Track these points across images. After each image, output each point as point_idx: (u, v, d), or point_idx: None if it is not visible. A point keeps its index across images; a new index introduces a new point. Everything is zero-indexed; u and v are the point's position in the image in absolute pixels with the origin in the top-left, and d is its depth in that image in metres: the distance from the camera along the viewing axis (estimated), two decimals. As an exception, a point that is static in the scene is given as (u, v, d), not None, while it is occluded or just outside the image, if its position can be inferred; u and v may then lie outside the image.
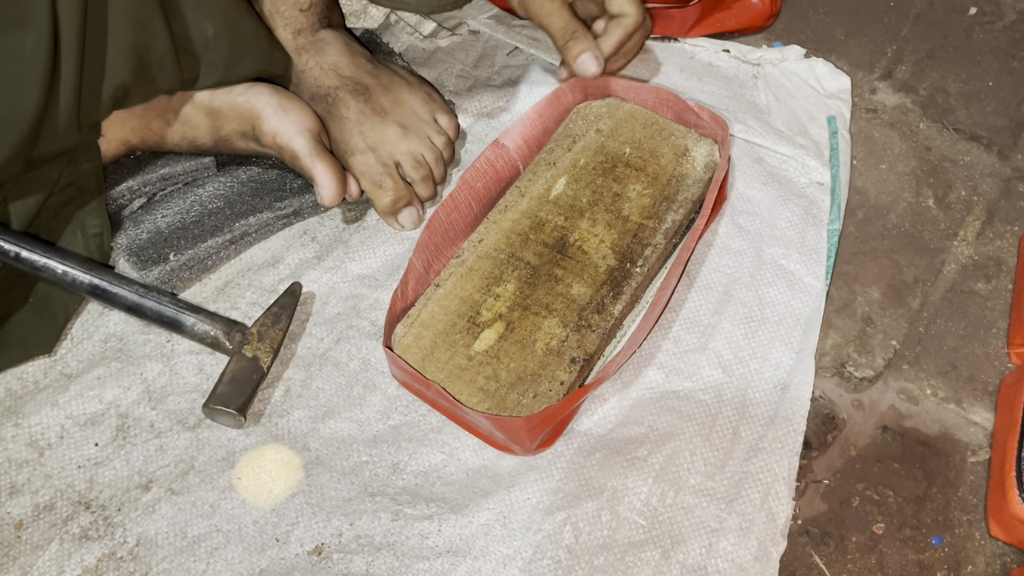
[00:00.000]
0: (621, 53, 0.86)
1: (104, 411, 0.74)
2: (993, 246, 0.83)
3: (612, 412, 0.74)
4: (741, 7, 0.95)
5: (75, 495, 0.70)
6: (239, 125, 0.79)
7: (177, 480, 0.71)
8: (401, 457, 0.72)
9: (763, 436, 0.73)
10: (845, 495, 0.72)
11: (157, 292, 0.75)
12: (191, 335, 0.75)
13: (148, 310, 0.74)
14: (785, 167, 0.87)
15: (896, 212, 0.85)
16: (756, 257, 0.81)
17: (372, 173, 0.81)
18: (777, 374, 0.76)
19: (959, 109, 0.91)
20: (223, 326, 0.75)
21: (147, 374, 0.75)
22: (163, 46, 0.72)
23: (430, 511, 0.70)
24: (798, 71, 0.93)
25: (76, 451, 0.72)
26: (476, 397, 0.70)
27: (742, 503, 0.70)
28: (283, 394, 0.75)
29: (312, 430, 0.73)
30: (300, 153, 0.77)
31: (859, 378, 0.77)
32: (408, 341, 0.73)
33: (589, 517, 0.69)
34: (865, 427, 0.75)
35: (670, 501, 0.70)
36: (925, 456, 0.73)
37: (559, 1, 0.82)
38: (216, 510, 0.70)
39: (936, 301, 0.81)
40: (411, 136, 0.82)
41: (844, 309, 0.80)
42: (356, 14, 0.96)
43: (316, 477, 0.71)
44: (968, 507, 0.71)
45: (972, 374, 0.77)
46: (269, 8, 0.82)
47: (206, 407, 0.72)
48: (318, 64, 0.83)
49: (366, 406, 0.74)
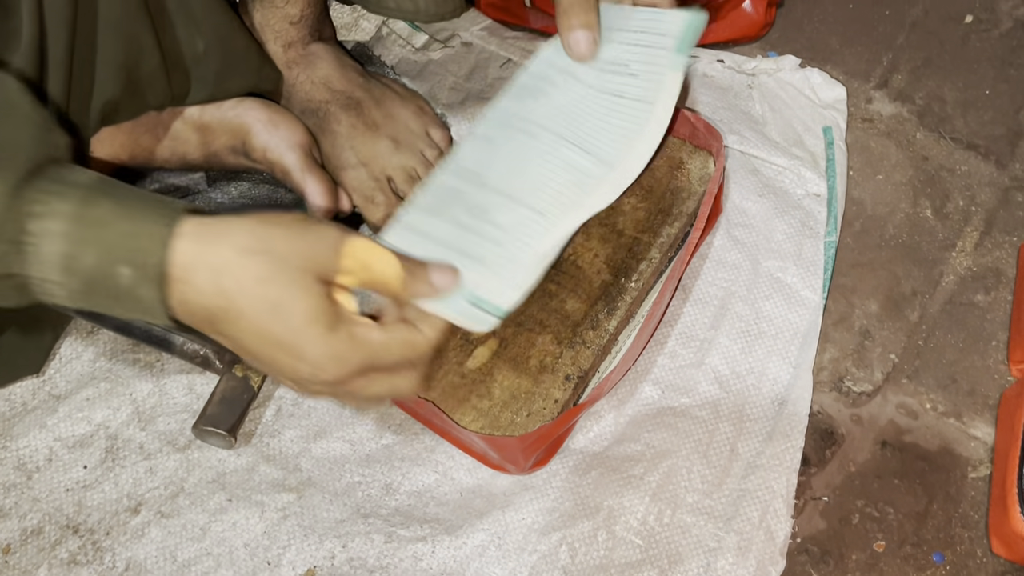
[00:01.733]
0: None
1: (93, 433, 0.73)
2: (992, 257, 0.82)
3: (608, 429, 0.73)
4: (735, 17, 0.94)
5: (63, 519, 0.69)
6: (229, 140, 0.78)
7: (167, 503, 0.70)
8: (394, 477, 0.71)
9: (761, 453, 0.72)
10: (845, 512, 0.71)
11: (146, 311, 0.74)
12: (181, 354, 0.74)
13: (137, 329, 0.73)
14: (781, 178, 0.86)
15: (893, 223, 0.85)
16: (752, 270, 0.81)
17: (364, 188, 0.80)
18: (775, 389, 0.75)
19: (956, 118, 0.91)
20: (213, 345, 0.74)
21: (137, 394, 0.74)
22: (153, 62, 0.72)
23: (424, 532, 0.69)
24: (793, 81, 0.93)
25: (64, 474, 0.71)
26: (469, 416, 0.69)
27: (740, 521, 0.69)
28: (274, 413, 0.74)
29: (304, 450, 0.72)
30: (291, 168, 0.77)
31: (858, 392, 0.76)
32: None
33: (585, 537, 0.68)
34: (864, 442, 0.74)
35: (667, 520, 0.69)
36: (925, 472, 0.72)
37: None
38: (206, 533, 0.69)
39: (935, 313, 0.80)
40: (403, 150, 0.81)
41: (842, 322, 0.79)
42: (347, 27, 0.95)
43: (308, 498, 0.70)
44: (969, 523, 0.70)
45: (972, 388, 0.76)
46: (259, 21, 0.81)
47: (196, 428, 0.71)
48: (309, 78, 0.82)
49: (358, 425, 0.74)
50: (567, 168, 0.65)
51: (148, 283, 0.45)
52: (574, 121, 0.68)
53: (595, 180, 0.65)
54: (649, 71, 0.68)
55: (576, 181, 0.65)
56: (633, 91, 0.68)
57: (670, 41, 0.68)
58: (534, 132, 0.67)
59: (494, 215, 0.63)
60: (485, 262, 0.61)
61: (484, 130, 0.68)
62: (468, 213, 0.64)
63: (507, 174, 0.66)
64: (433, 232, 0.63)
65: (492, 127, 0.68)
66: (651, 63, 0.68)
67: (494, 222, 0.63)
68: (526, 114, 0.68)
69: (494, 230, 0.63)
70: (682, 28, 0.68)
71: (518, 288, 0.60)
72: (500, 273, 0.61)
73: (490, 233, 0.63)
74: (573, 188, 0.65)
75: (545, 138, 0.67)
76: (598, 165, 0.65)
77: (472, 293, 0.58)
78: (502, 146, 0.67)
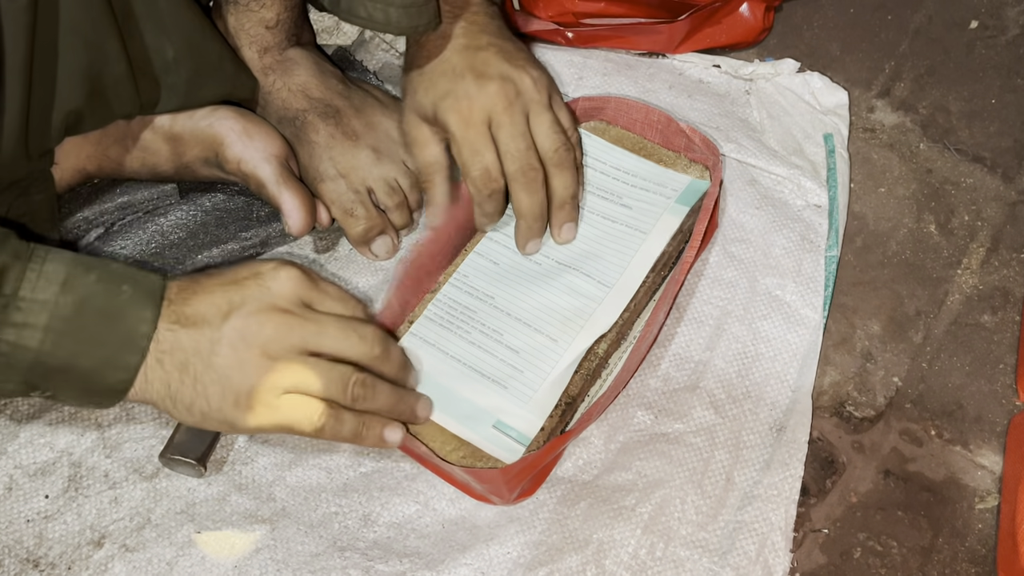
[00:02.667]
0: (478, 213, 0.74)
1: (56, 460, 0.69)
2: (999, 275, 0.79)
3: (598, 457, 0.70)
4: (732, 21, 0.91)
5: (23, 552, 0.66)
6: (201, 152, 0.75)
7: (132, 535, 0.66)
8: (373, 507, 0.68)
9: (758, 482, 0.69)
10: (846, 546, 0.68)
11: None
12: (149, 377, 0.70)
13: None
14: (780, 189, 0.83)
15: (896, 239, 0.81)
16: (749, 288, 0.77)
17: (343, 201, 0.76)
18: (772, 415, 0.72)
19: (961, 129, 0.87)
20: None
21: (102, 419, 0.71)
22: (119, 69, 0.68)
23: (403, 567, 0.65)
24: (792, 86, 0.89)
25: (25, 504, 0.68)
26: (450, 445, 0.66)
27: (736, 555, 0.66)
28: (247, 439, 0.70)
29: (278, 478, 0.69)
30: (266, 180, 0.73)
31: (859, 418, 0.73)
32: None
33: (573, 572, 0.65)
34: (866, 472, 0.71)
35: (659, 554, 0.66)
36: (930, 503, 0.69)
37: (428, 132, 0.73)
38: (173, 568, 0.65)
39: (940, 335, 0.77)
40: (384, 161, 0.78)
41: (843, 344, 0.76)
42: (328, 30, 0.91)
43: (282, 530, 0.67)
44: (977, 558, 0.67)
45: (979, 414, 0.73)
46: (233, 25, 0.77)
47: (163, 456, 0.67)
48: (286, 85, 0.78)
49: (335, 452, 0.70)
50: (571, 292, 0.72)
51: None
52: (571, 244, 0.74)
53: (596, 302, 0.71)
54: (643, 207, 0.75)
55: (581, 307, 0.71)
56: (625, 219, 0.75)
57: (672, 192, 0.76)
58: (535, 256, 0.74)
59: (508, 338, 0.70)
60: (508, 388, 0.68)
61: (487, 250, 0.75)
62: (482, 333, 0.70)
63: (516, 297, 0.72)
64: (448, 346, 0.70)
65: (494, 249, 0.75)
66: (647, 202, 0.75)
67: (510, 345, 0.70)
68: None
69: (511, 354, 0.69)
70: (685, 186, 0.76)
71: (542, 416, 0.66)
72: (524, 402, 0.67)
73: (507, 357, 0.69)
74: (578, 314, 0.70)
75: (546, 263, 0.74)
76: (599, 288, 0.72)
77: (498, 420, 0.66)
78: (508, 269, 0.74)
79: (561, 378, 0.67)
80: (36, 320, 0.52)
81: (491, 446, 0.65)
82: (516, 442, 0.65)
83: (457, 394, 0.67)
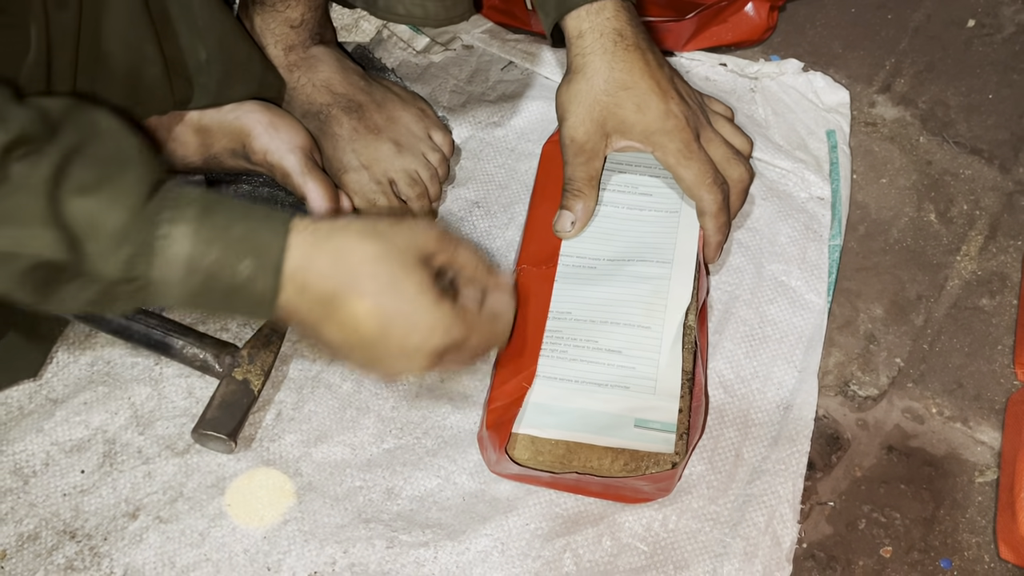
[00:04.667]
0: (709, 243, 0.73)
1: (91, 437, 0.72)
2: (997, 261, 0.82)
3: (612, 434, 0.73)
4: (738, 20, 0.94)
5: (60, 524, 0.68)
6: (229, 143, 0.78)
7: (165, 508, 0.69)
8: (396, 482, 0.70)
9: (767, 457, 0.71)
10: (851, 518, 0.70)
11: (145, 313, 0.73)
12: (180, 358, 0.73)
13: (136, 332, 0.73)
14: (785, 182, 0.86)
15: (898, 227, 0.84)
16: (756, 274, 0.80)
17: (366, 191, 0.79)
18: (780, 394, 0.74)
19: (959, 122, 0.90)
20: (213, 348, 0.73)
21: (135, 398, 0.73)
22: (155, 71, 0.71)
23: (426, 538, 0.68)
24: (796, 85, 0.92)
25: (62, 479, 0.70)
26: (607, 459, 0.66)
27: (746, 527, 0.68)
28: (274, 417, 0.73)
29: (304, 454, 0.72)
30: (291, 171, 0.76)
31: (863, 397, 0.76)
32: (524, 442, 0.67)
33: (589, 543, 0.68)
34: (870, 447, 0.73)
35: (672, 526, 0.68)
36: (932, 477, 0.72)
37: (588, 152, 0.71)
38: (205, 538, 0.68)
39: (940, 318, 0.79)
40: (405, 153, 0.80)
41: (847, 326, 0.79)
42: (348, 28, 0.95)
43: (309, 503, 0.69)
44: (977, 529, 0.70)
45: (978, 392, 0.75)
46: (260, 25, 0.80)
47: (195, 432, 0.70)
48: (310, 81, 0.81)
49: (359, 429, 0.73)
50: (640, 279, 0.71)
51: (266, 273, 0.51)
52: (612, 241, 0.73)
53: (667, 280, 0.71)
54: (663, 191, 0.75)
55: (655, 288, 0.71)
56: (650, 205, 0.75)
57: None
58: (587, 263, 0.73)
59: (604, 343, 0.69)
60: (630, 388, 0.67)
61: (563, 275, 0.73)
62: (577, 348, 0.69)
63: (591, 304, 0.71)
64: (563, 374, 0.68)
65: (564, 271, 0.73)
66: (664, 187, 0.75)
67: (609, 349, 0.69)
68: (566, 251, 0.74)
69: (616, 356, 0.69)
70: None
71: (674, 399, 0.67)
72: (652, 394, 0.67)
73: (614, 360, 0.69)
74: (656, 295, 0.70)
75: (600, 265, 0.73)
76: (661, 267, 0.71)
77: (637, 418, 0.66)
78: (571, 282, 0.72)
79: (673, 358, 0.68)
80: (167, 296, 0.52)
81: (643, 444, 0.65)
82: (663, 432, 0.65)
83: (590, 411, 0.67)
